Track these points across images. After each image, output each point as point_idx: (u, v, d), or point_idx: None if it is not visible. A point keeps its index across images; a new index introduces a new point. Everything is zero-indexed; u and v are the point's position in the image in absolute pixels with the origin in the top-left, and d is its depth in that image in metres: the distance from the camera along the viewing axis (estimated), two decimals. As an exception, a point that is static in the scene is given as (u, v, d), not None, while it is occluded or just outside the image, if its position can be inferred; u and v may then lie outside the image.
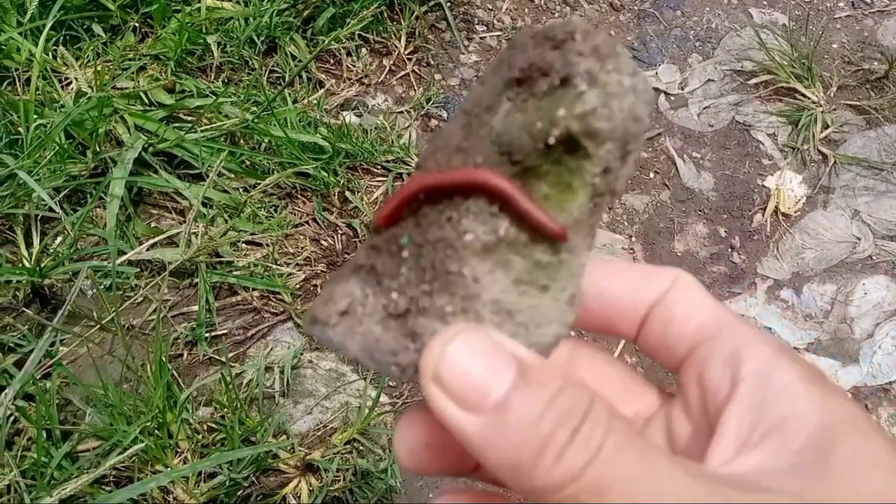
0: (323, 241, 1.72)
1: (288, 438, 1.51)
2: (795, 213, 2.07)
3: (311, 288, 1.70)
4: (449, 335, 0.38)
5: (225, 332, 1.62)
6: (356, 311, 0.45)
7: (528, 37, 0.44)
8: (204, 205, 1.63)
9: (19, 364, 1.37)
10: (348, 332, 0.44)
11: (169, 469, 1.33)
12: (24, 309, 1.50)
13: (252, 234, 1.60)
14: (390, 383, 1.67)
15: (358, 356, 0.44)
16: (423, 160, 0.45)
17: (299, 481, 1.56)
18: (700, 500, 0.32)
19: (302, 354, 1.68)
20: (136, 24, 1.77)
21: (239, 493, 1.48)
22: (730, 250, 1.98)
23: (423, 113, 1.86)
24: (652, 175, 2.02)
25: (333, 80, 1.86)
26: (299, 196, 1.72)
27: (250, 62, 1.79)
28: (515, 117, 0.41)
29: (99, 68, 1.59)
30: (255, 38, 1.75)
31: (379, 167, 1.79)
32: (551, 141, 0.40)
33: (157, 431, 1.38)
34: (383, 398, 1.69)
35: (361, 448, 1.60)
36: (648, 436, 0.45)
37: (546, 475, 0.34)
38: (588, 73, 0.40)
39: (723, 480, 0.35)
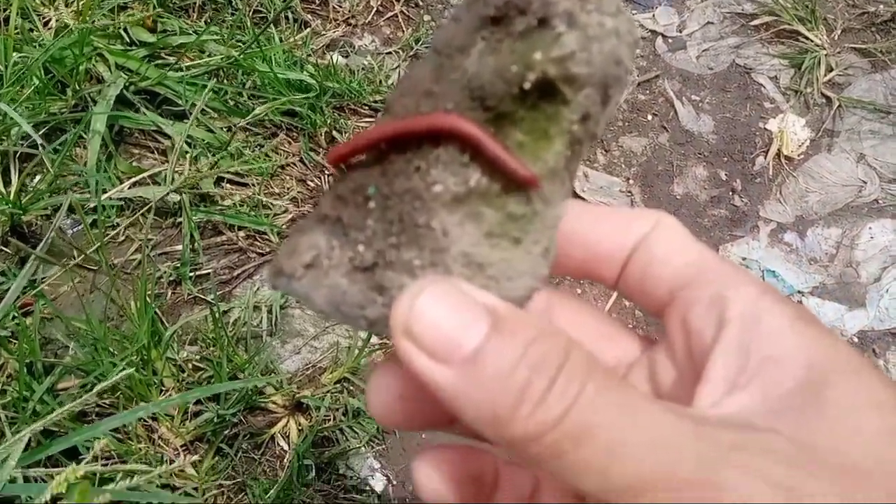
0: (309, 182, 1.71)
1: (277, 376, 1.50)
2: (799, 156, 2.04)
3: (298, 225, 1.69)
4: (418, 288, 0.38)
5: (210, 271, 1.61)
6: (321, 263, 0.44)
7: None
8: (188, 144, 1.62)
9: (-1, 299, 1.36)
10: (314, 285, 0.44)
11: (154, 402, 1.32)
12: (2, 247, 1.49)
13: (237, 172, 1.59)
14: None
15: (324, 309, 0.44)
16: (391, 104, 0.43)
17: (288, 420, 1.55)
18: (685, 439, 0.32)
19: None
20: (117, -36, 1.76)
21: (226, 433, 1.47)
22: (731, 193, 1.96)
23: (411, 54, 1.84)
24: (650, 117, 2.00)
25: (319, 21, 1.84)
26: (286, 136, 1.70)
27: (233, 1, 1.78)
28: (489, 60, 0.40)
29: (80, 5, 1.58)
30: (238, -25, 1.74)
31: (366, 108, 1.77)
32: (527, 86, 0.39)
33: (141, 370, 1.37)
34: (374, 339, 1.67)
35: (351, 388, 1.59)
36: (630, 382, 0.44)
37: (524, 424, 0.33)
38: (567, 13, 0.38)
39: (709, 420, 0.35)
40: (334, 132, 1.71)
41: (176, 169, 1.55)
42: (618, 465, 0.32)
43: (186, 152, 1.57)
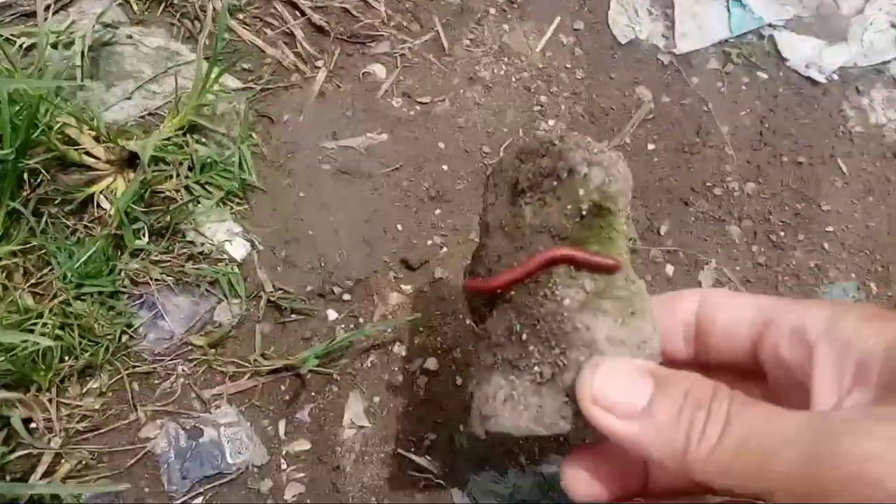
0: None
1: (96, 123, 1.14)
2: None
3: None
4: (592, 367, 0.56)
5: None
6: (512, 395, 0.61)
7: (512, 158, 0.69)
8: None
9: None
10: (515, 414, 0.60)
11: None
12: None
13: None
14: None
15: (531, 427, 0.60)
16: (473, 270, 0.70)
17: (115, 178, 1.19)
18: (800, 422, 0.45)
19: (118, 28, 1.29)
20: None
21: (25, 193, 1.12)
22: None
23: None
24: None
25: None
26: None
27: None
28: (544, 211, 0.63)
29: None
30: None
31: None
32: (584, 213, 0.61)
33: None
34: (233, 81, 1.31)
35: (201, 138, 1.23)
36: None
37: (698, 452, 0.47)
38: (585, 160, 0.61)
39: (825, 414, 0.47)
40: None
41: None
42: (771, 458, 0.45)
43: None
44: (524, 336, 0.62)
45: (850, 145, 1.39)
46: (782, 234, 1.31)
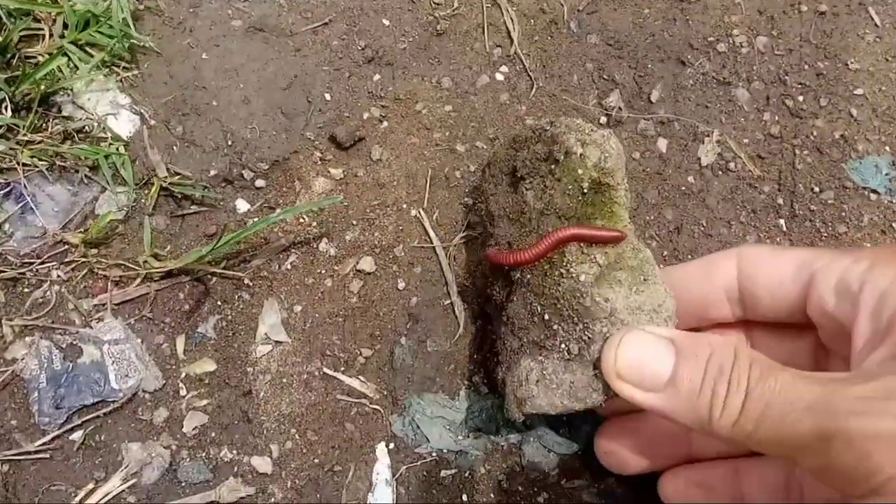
0: None
1: None
2: None
3: None
4: (612, 342, 0.61)
5: None
6: (543, 375, 0.67)
7: (506, 148, 0.78)
8: None
9: None
10: (549, 393, 0.67)
11: None
12: None
13: None
14: None
15: (566, 404, 0.66)
16: (498, 243, 0.77)
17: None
18: (815, 395, 0.50)
19: None
20: None
21: None
22: None
23: None
24: None
25: None
26: None
27: None
28: (548, 194, 0.70)
29: None
30: None
31: None
32: (585, 190, 0.68)
33: None
34: None
35: (70, -16, 0.95)
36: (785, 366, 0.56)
37: (722, 422, 0.54)
38: (579, 140, 0.69)
39: (834, 378, 0.51)
40: None
41: None
42: (786, 431, 0.50)
43: None
44: (546, 316, 0.67)
45: (886, -12, 1.12)
46: (800, 98, 1.06)
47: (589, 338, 0.64)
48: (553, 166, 0.70)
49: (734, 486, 0.74)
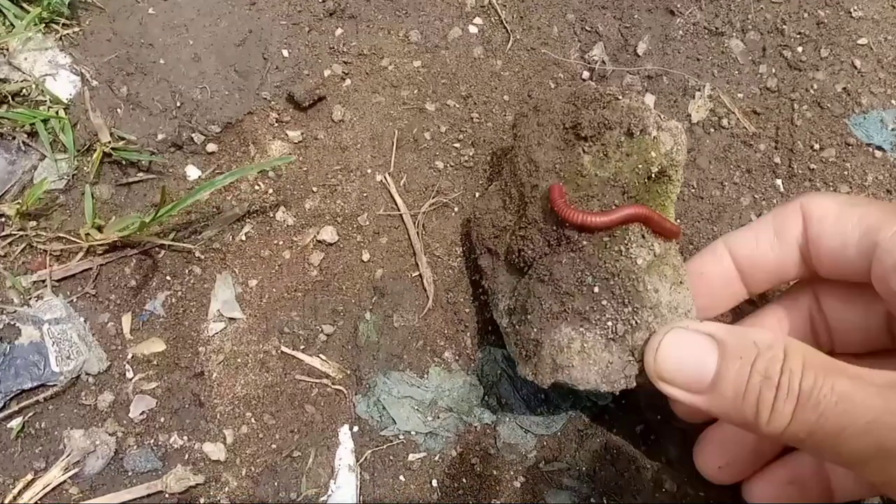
0: None
1: None
2: None
3: None
4: (654, 343, 0.59)
5: None
6: (583, 347, 0.64)
7: (564, 102, 0.71)
8: None
9: None
10: (585, 367, 0.65)
11: None
12: None
13: None
14: None
15: (597, 382, 0.65)
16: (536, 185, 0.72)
17: None
18: (876, 411, 0.47)
19: None
20: None
21: None
22: None
23: None
24: None
25: None
26: None
27: None
28: (612, 165, 0.66)
29: None
30: None
31: None
32: (651, 175, 0.66)
33: None
34: None
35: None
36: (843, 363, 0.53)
37: (771, 427, 0.51)
38: (656, 123, 0.66)
39: (881, 380, 0.49)
40: None
41: None
42: (844, 445, 0.47)
43: None
44: (596, 289, 0.65)
45: (894, -72, 1.04)
46: (799, 49, 0.98)
47: (636, 323, 0.64)
48: (624, 139, 0.67)
49: (824, 479, 0.70)
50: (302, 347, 0.85)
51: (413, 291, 0.87)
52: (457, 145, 0.93)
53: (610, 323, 0.64)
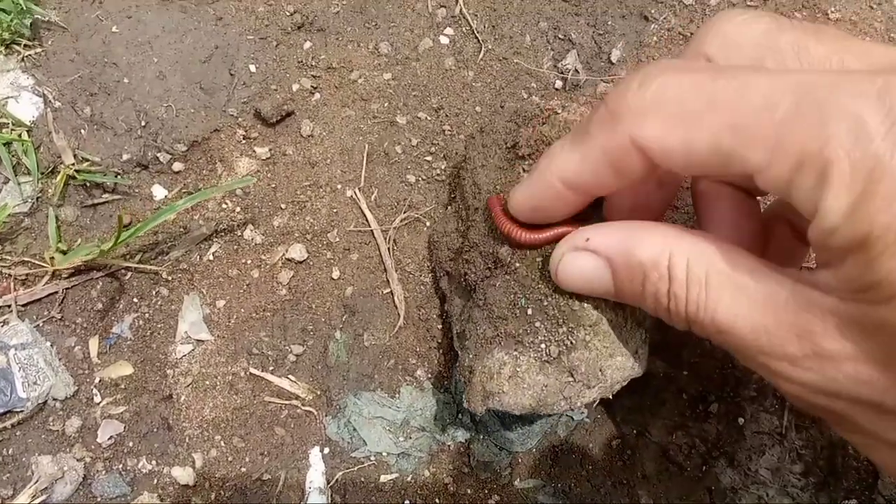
0: None
1: None
2: None
3: None
4: (554, 264, 0.59)
5: None
6: (517, 372, 0.63)
7: (506, 121, 0.70)
8: None
9: None
10: (518, 392, 0.63)
11: None
12: None
13: None
14: None
15: (533, 406, 0.63)
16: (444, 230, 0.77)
17: None
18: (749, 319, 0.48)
19: None
20: None
21: None
22: None
23: None
24: None
25: None
26: None
27: None
28: None
29: None
30: None
31: None
32: None
33: None
34: None
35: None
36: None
37: (679, 325, 0.54)
38: None
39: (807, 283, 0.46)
40: None
41: None
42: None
43: None
44: (530, 311, 0.63)
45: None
46: (776, 53, 0.97)
47: (571, 343, 0.62)
48: None
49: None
50: (271, 368, 0.84)
51: (384, 309, 0.86)
52: (428, 158, 0.92)
53: (543, 345, 0.62)
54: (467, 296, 0.73)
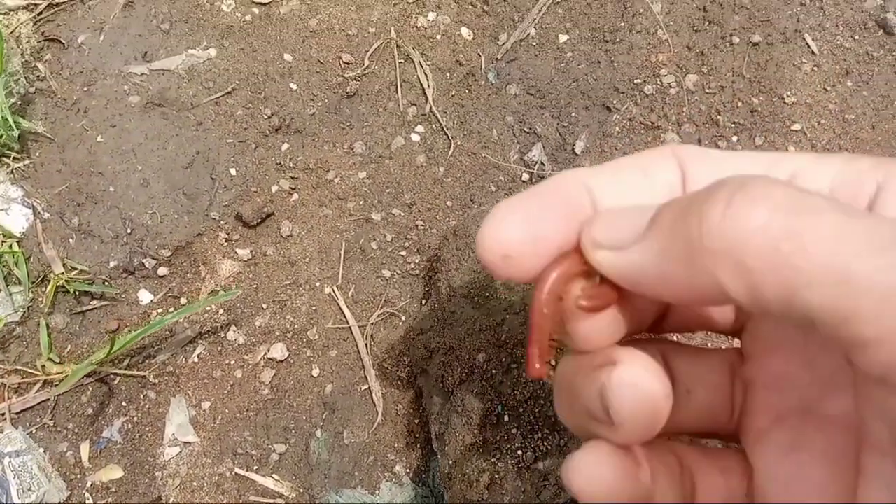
0: None
1: None
2: None
3: None
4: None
5: None
6: (494, 478, 0.65)
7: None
8: None
9: None
10: (496, 498, 0.65)
11: None
12: None
13: None
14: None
15: None
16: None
17: None
18: None
19: None
20: None
21: None
22: None
23: None
24: None
25: None
26: None
27: None
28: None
29: None
30: None
31: None
32: None
33: None
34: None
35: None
36: None
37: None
38: None
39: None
40: None
41: None
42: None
43: None
44: (506, 418, 0.66)
45: (820, 15, 1.09)
46: (734, 139, 1.03)
47: (547, 449, 0.64)
48: None
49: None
50: (255, 468, 0.89)
51: (362, 406, 0.91)
52: (403, 253, 0.98)
53: (520, 452, 0.65)
54: (445, 396, 0.78)
